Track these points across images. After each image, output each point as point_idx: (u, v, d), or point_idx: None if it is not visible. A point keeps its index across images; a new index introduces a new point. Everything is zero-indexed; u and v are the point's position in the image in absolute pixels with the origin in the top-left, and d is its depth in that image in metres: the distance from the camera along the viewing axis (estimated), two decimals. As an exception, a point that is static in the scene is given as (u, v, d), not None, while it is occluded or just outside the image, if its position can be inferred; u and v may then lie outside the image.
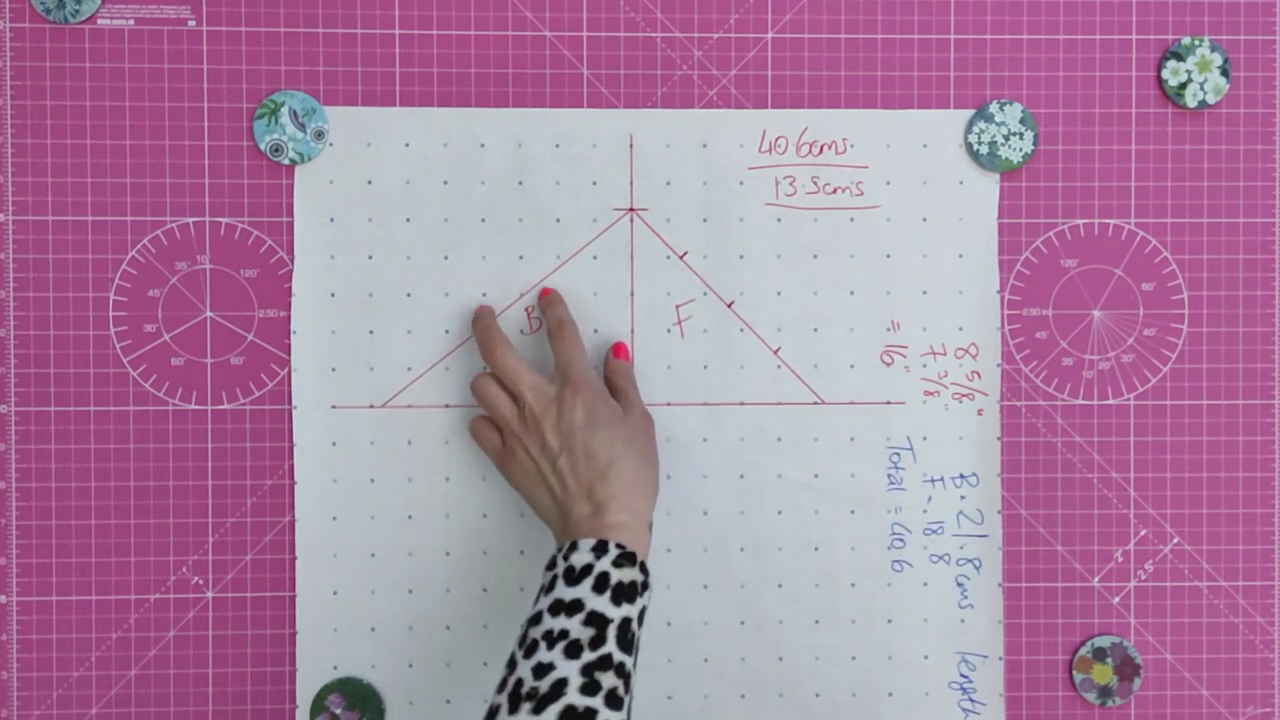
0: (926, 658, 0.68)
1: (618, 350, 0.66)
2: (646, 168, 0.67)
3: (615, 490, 0.57)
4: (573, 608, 0.54)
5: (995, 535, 0.68)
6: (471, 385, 0.64)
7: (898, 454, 0.68)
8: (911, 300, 0.68)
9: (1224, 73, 0.68)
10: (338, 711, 0.67)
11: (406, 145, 0.67)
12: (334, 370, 0.67)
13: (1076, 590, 0.68)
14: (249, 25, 0.66)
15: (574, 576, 0.55)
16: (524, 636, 0.54)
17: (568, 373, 0.62)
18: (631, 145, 0.67)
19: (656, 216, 0.67)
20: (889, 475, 0.68)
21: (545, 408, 0.60)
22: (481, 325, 0.64)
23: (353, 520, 0.67)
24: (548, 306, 0.65)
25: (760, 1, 0.67)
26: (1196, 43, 0.68)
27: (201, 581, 0.67)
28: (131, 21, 0.66)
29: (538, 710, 0.51)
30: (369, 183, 0.67)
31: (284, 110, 0.66)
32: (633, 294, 0.67)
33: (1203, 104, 0.68)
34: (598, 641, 0.53)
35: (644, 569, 0.56)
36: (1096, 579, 0.69)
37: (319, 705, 0.67)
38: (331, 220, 0.67)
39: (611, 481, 0.58)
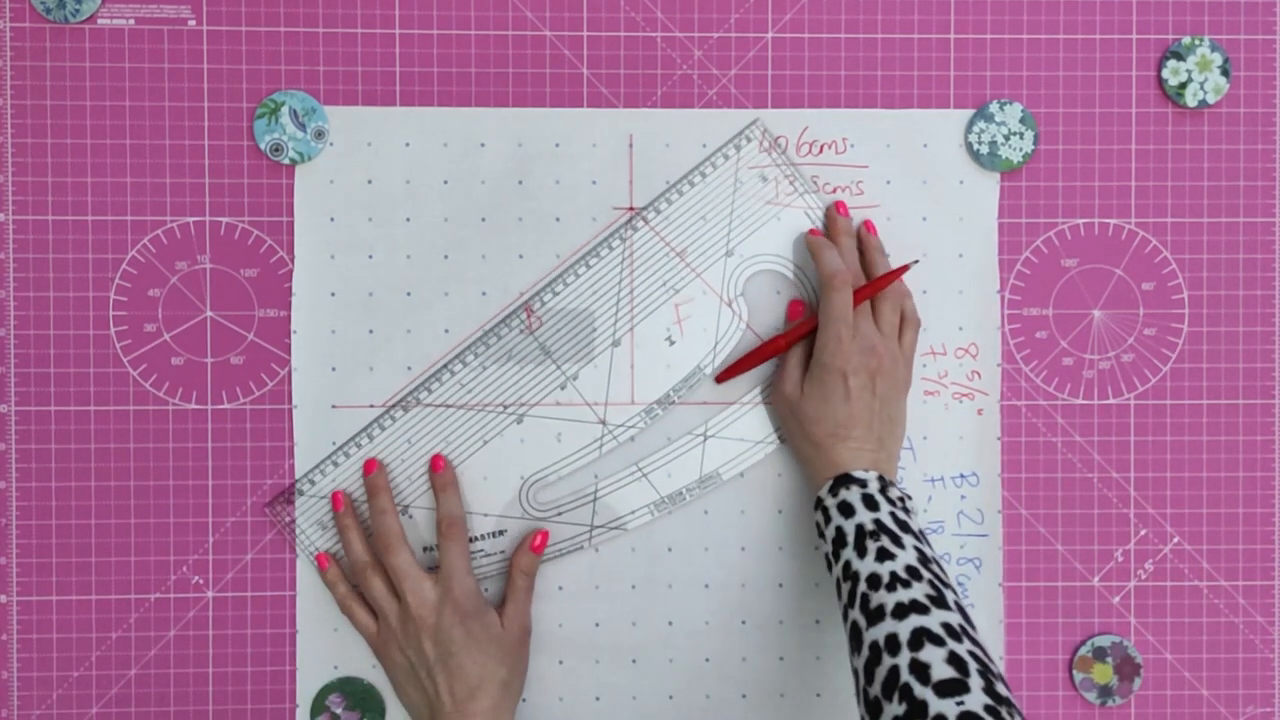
0: (927, 657, 0.68)
1: (536, 546, 0.66)
2: (646, 168, 0.67)
3: (482, 707, 0.62)
4: None
5: (995, 535, 0.68)
6: (354, 573, 0.65)
7: (898, 454, 0.68)
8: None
9: (1224, 72, 0.68)
10: (338, 711, 0.67)
11: (406, 145, 0.67)
12: (334, 370, 0.67)
13: (1076, 590, 0.68)
14: (249, 25, 0.66)
15: None
16: None
17: (450, 583, 0.63)
18: (631, 145, 0.67)
19: (657, 216, 0.67)
20: (889, 475, 0.68)
21: (426, 617, 0.62)
22: (380, 521, 0.64)
23: (353, 520, 0.67)
24: (440, 492, 0.65)
25: (760, 1, 0.67)
26: (1196, 42, 0.68)
27: (201, 581, 0.67)
28: (131, 21, 0.66)
29: None
30: (369, 182, 0.67)
31: (284, 110, 0.66)
32: (633, 294, 0.67)
33: (1203, 104, 0.68)
34: None
35: None
36: (1096, 578, 0.69)
37: (319, 705, 0.67)
38: (331, 220, 0.67)
39: (480, 699, 0.62)
